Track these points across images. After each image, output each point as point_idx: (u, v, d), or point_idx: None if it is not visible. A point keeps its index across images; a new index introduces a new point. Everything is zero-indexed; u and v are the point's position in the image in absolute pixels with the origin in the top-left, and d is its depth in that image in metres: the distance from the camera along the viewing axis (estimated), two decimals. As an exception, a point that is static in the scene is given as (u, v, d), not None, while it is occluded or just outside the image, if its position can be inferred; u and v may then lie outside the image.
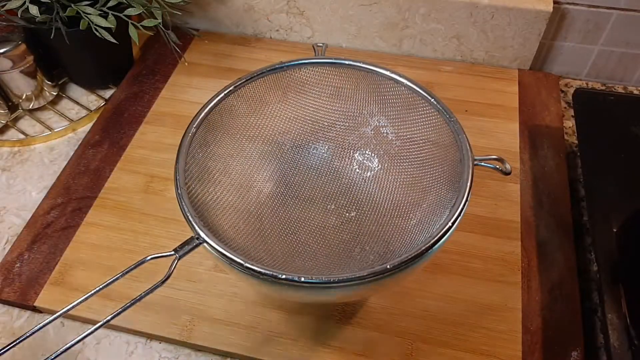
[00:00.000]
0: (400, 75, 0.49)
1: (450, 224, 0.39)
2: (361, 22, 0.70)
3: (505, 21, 0.66)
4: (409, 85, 0.49)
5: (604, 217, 0.49)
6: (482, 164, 0.44)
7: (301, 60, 0.51)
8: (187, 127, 0.45)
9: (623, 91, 0.70)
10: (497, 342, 0.45)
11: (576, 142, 0.60)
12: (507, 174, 0.44)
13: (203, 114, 0.46)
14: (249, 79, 0.49)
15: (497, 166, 0.44)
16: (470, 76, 0.69)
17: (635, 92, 0.70)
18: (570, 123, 0.65)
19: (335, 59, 0.51)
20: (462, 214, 0.40)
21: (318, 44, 0.52)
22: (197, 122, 0.45)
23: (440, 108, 0.47)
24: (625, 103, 0.60)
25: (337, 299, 0.45)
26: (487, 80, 0.68)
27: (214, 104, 0.47)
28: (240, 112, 0.50)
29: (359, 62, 0.50)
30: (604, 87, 0.71)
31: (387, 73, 0.50)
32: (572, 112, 0.63)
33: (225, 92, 0.48)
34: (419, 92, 0.48)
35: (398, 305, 0.48)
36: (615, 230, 0.48)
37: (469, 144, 0.44)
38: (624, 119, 0.57)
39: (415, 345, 0.45)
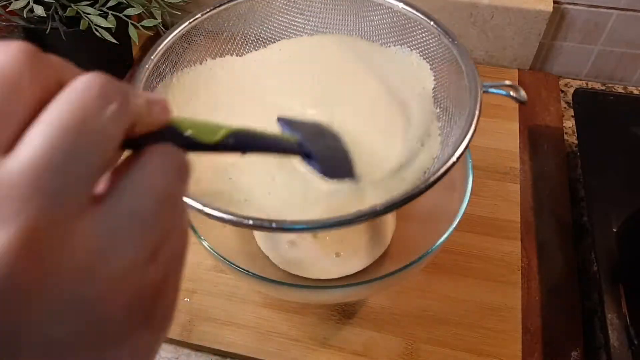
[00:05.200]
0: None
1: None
2: (361, 22, 0.70)
3: (505, 21, 0.66)
4: (405, 10, 0.43)
5: (604, 217, 0.49)
6: (492, 90, 0.38)
7: None
8: (143, 60, 0.40)
9: (623, 91, 0.70)
10: (497, 342, 0.45)
11: (576, 142, 0.60)
12: (522, 102, 0.38)
13: (163, 46, 0.41)
14: (216, 7, 0.43)
15: (511, 92, 0.38)
16: (470, 76, 0.69)
17: (635, 92, 0.70)
18: (570, 123, 0.65)
19: None
20: (462, 215, 0.40)
21: None
22: (155, 54, 0.40)
23: (442, 31, 0.41)
24: (625, 103, 0.60)
25: (337, 299, 0.45)
26: (487, 80, 0.68)
27: (176, 34, 0.42)
28: (208, 46, 0.45)
29: None
30: (604, 87, 0.71)
31: None
32: (572, 112, 0.63)
33: (190, 20, 0.42)
34: (416, 16, 0.43)
35: (398, 305, 0.48)
36: (615, 230, 0.48)
37: (476, 68, 0.39)
38: (624, 119, 0.57)
39: (415, 345, 0.45)
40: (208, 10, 0.43)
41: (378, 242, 0.50)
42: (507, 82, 0.38)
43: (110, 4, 0.59)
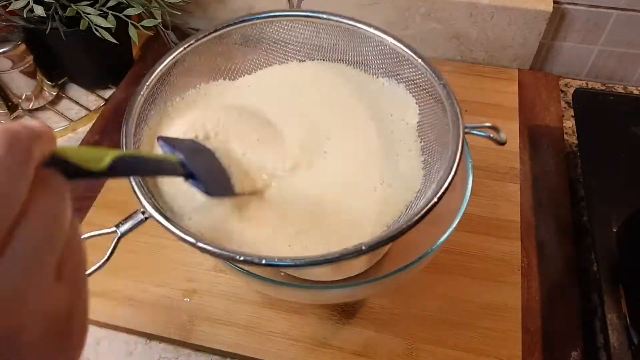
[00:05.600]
0: (384, 33, 0.44)
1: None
2: (361, 22, 0.70)
3: (505, 21, 0.66)
4: (394, 45, 0.43)
5: (604, 217, 0.49)
6: (474, 132, 0.40)
7: (272, 12, 0.45)
8: (139, 86, 0.40)
9: (623, 91, 0.70)
10: (497, 342, 0.45)
11: (576, 142, 0.60)
12: (502, 143, 0.40)
13: (157, 72, 0.41)
14: (211, 33, 0.44)
15: (491, 135, 0.39)
16: (470, 76, 0.69)
17: (635, 92, 0.70)
18: (570, 123, 0.65)
19: (311, 12, 0.45)
20: (462, 215, 0.40)
21: None
22: (150, 81, 0.41)
23: (429, 70, 0.42)
24: (625, 103, 0.60)
25: (337, 299, 0.45)
26: (487, 80, 0.68)
27: (170, 60, 0.42)
28: (201, 71, 0.45)
29: (339, 17, 0.45)
30: (604, 87, 0.71)
31: (371, 30, 0.44)
32: (572, 112, 0.63)
33: (185, 46, 0.43)
34: (404, 52, 0.43)
35: (398, 305, 0.48)
36: (615, 230, 0.48)
37: (459, 109, 0.39)
38: (623, 119, 0.57)
39: (415, 345, 0.45)
40: (202, 35, 0.44)
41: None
42: (487, 124, 0.39)
43: (110, 4, 0.59)
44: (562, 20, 0.66)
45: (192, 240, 0.33)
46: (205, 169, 0.35)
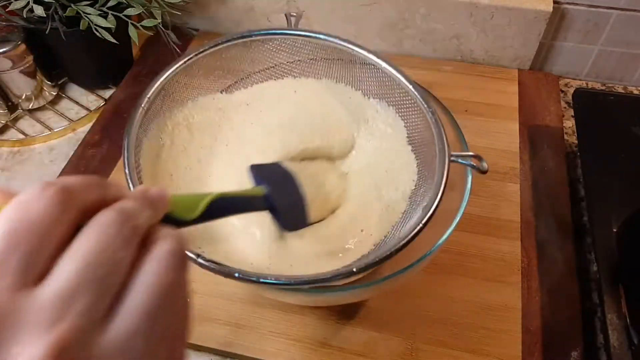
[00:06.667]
0: (377, 56, 0.44)
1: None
2: (361, 22, 0.70)
3: (505, 21, 0.66)
4: (387, 70, 0.44)
5: (604, 217, 0.49)
6: (459, 160, 0.40)
7: (271, 30, 0.46)
8: (139, 99, 0.41)
9: (623, 91, 0.70)
10: (497, 342, 0.45)
11: (576, 142, 0.60)
12: (483, 172, 0.40)
13: (158, 84, 0.42)
14: (210, 48, 0.45)
15: (473, 163, 0.40)
16: (470, 76, 0.69)
17: (635, 92, 0.70)
18: (570, 123, 0.65)
19: (309, 32, 0.46)
20: (462, 215, 0.40)
21: (292, 13, 0.48)
22: (151, 93, 0.41)
23: (418, 97, 0.43)
24: (625, 103, 0.60)
25: (337, 301, 0.45)
26: (487, 80, 0.68)
27: (171, 73, 0.43)
28: (199, 84, 0.47)
29: (335, 38, 0.45)
30: (604, 87, 0.71)
31: (364, 53, 0.45)
32: (572, 112, 0.63)
33: (184, 60, 0.44)
34: (396, 78, 0.44)
35: (398, 305, 0.48)
36: (615, 230, 0.48)
37: (446, 138, 0.40)
38: (623, 119, 0.57)
39: (415, 345, 0.45)
40: (202, 50, 0.45)
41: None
42: (471, 153, 0.40)
43: (110, 4, 0.59)
44: (562, 20, 0.66)
45: (192, 256, 0.35)
46: (286, 201, 0.38)
